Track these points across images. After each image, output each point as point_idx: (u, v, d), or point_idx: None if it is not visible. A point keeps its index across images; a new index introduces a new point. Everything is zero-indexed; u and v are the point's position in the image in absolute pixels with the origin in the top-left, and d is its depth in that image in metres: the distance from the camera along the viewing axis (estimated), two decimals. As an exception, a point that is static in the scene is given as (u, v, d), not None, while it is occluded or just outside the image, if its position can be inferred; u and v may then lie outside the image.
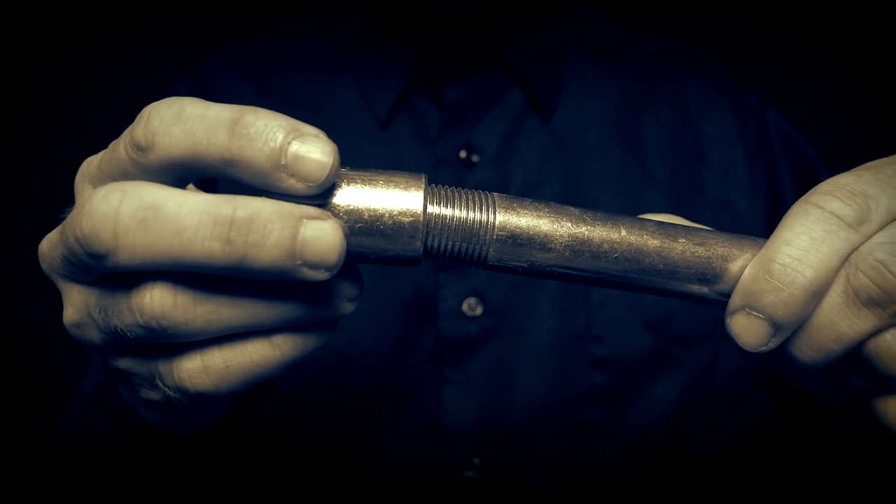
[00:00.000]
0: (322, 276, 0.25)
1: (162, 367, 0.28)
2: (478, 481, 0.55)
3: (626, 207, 0.60)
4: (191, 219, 0.24)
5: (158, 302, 0.25)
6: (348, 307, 0.29)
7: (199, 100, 0.26)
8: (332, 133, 0.70)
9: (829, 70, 1.18)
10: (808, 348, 0.27)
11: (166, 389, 0.28)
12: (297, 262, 0.25)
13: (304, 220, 0.25)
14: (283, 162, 0.24)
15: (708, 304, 0.30)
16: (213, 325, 0.26)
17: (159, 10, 1.18)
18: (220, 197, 0.25)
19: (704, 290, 0.29)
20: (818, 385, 0.32)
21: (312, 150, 0.24)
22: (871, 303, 0.26)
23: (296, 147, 0.24)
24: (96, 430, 0.44)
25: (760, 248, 0.28)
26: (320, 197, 0.26)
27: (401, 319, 0.56)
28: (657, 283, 0.29)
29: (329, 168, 0.25)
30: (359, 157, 0.58)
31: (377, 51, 0.61)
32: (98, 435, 0.44)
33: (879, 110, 1.16)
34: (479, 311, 0.57)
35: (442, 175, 0.58)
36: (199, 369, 0.27)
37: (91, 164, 0.28)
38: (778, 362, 0.33)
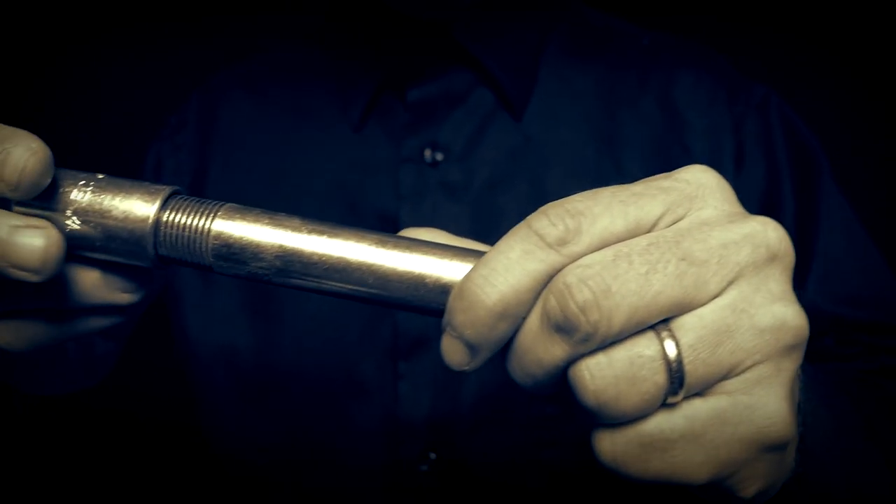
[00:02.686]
0: (33, 278, 0.28)
1: None
2: (433, 475, 0.55)
3: None
4: None
5: None
6: (125, 297, 0.32)
7: None
8: (314, 136, 0.71)
9: (829, 70, 1.18)
10: (518, 369, 0.26)
11: None
12: (5, 265, 0.28)
13: (17, 228, 0.28)
14: None
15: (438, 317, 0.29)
16: None
17: (159, 10, 1.18)
18: None
19: (423, 305, 0.28)
20: None
21: (12, 159, 0.27)
22: (559, 328, 0.24)
23: None
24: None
25: None
26: (59, 202, 0.29)
27: (361, 313, 0.57)
28: (372, 296, 0.28)
29: (22, 174, 0.27)
30: (331, 160, 0.61)
31: (353, 57, 0.63)
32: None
33: (879, 110, 1.16)
34: None
35: (405, 174, 0.59)
36: None
37: None
38: None
